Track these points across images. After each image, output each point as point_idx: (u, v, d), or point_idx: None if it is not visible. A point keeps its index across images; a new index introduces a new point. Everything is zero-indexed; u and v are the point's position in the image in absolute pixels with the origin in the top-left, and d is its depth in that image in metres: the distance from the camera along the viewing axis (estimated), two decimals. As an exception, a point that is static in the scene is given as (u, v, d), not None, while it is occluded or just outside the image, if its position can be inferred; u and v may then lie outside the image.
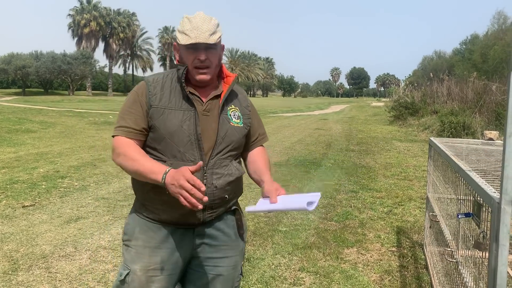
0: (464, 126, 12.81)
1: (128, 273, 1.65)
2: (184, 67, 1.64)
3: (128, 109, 1.64)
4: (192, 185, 1.36)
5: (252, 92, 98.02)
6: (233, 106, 1.74)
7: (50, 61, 50.69)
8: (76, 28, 58.38)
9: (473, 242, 1.79)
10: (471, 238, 2.00)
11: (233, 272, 1.77)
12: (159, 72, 1.79)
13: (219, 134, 1.64)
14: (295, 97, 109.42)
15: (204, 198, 1.37)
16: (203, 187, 1.37)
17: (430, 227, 3.44)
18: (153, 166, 1.50)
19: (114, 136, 1.63)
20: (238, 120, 1.72)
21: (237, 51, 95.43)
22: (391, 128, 17.39)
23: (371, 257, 3.78)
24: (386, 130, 16.52)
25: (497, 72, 19.51)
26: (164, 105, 1.62)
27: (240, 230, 1.78)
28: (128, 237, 1.70)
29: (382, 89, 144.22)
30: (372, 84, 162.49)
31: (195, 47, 1.60)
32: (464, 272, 2.08)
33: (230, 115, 1.70)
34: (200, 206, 1.37)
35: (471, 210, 1.86)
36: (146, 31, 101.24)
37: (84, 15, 57.67)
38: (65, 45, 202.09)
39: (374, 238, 4.26)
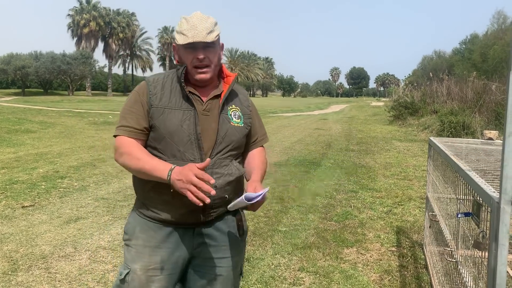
0: (464, 126, 12.82)
1: (128, 273, 1.65)
2: (183, 67, 1.64)
3: (130, 109, 1.64)
4: (201, 179, 1.38)
5: (252, 92, 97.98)
6: (234, 106, 1.73)
7: (50, 61, 50.64)
8: (76, 28, 58.33)
9: (473, 242, 1.80)
10: (471, 238, 2.00)
11: (233, 272, 1.77)
12: (160, 72, 1.79)
13: (219, 134, 1.64)
14: (295, 97, 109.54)
15: (212, 192, 1.39)
16: (213, 180, 1.39)
17: (430, 227, 3.44)
18: (158, 164, 1.52)
19: (116, 136, 1.63)
20: (239, 120, 1.72)
21: (237, 51, 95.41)
22: (391, 128, 17.38)
23: (371, 257, 3.78)
24: (386, 130, 16.52)
25: (497, 72, 19.51)
26: (164, 105, 1.62)
27: (240, 231, 1.78)
28: (129, 237, 1.71)
29: (382, 89, 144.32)
30: (372, 84, 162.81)
31: (193, 47, 1.60)
32: (464, 272, 2.08)
33: (231, 115, 1.70)
34: (208, 200, 1.38)
35: (471, 210, 1.86)
36: (146, 31, 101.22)
37: (84, 15, 57.61)
38: (65, 45, 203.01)
39: (374, 238, 4.26)
